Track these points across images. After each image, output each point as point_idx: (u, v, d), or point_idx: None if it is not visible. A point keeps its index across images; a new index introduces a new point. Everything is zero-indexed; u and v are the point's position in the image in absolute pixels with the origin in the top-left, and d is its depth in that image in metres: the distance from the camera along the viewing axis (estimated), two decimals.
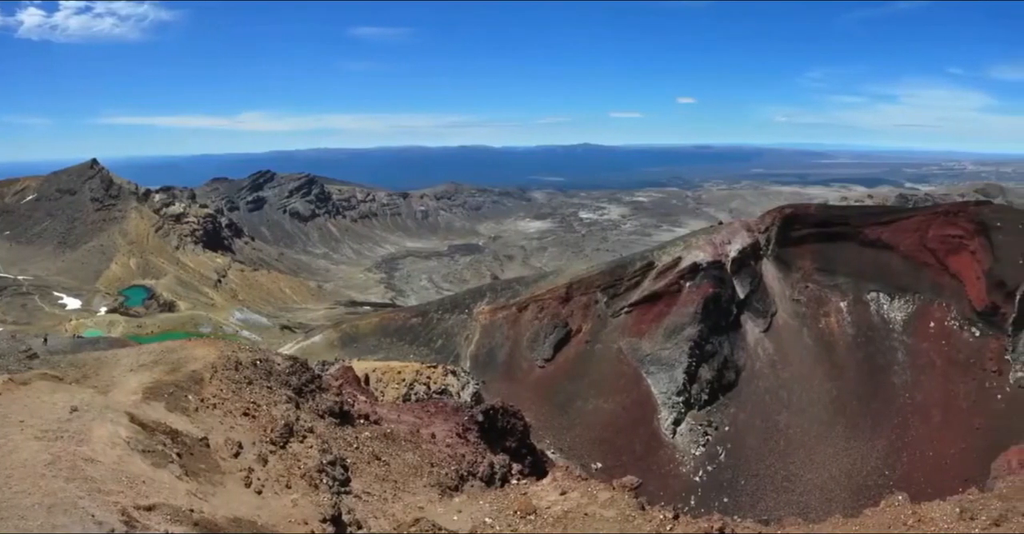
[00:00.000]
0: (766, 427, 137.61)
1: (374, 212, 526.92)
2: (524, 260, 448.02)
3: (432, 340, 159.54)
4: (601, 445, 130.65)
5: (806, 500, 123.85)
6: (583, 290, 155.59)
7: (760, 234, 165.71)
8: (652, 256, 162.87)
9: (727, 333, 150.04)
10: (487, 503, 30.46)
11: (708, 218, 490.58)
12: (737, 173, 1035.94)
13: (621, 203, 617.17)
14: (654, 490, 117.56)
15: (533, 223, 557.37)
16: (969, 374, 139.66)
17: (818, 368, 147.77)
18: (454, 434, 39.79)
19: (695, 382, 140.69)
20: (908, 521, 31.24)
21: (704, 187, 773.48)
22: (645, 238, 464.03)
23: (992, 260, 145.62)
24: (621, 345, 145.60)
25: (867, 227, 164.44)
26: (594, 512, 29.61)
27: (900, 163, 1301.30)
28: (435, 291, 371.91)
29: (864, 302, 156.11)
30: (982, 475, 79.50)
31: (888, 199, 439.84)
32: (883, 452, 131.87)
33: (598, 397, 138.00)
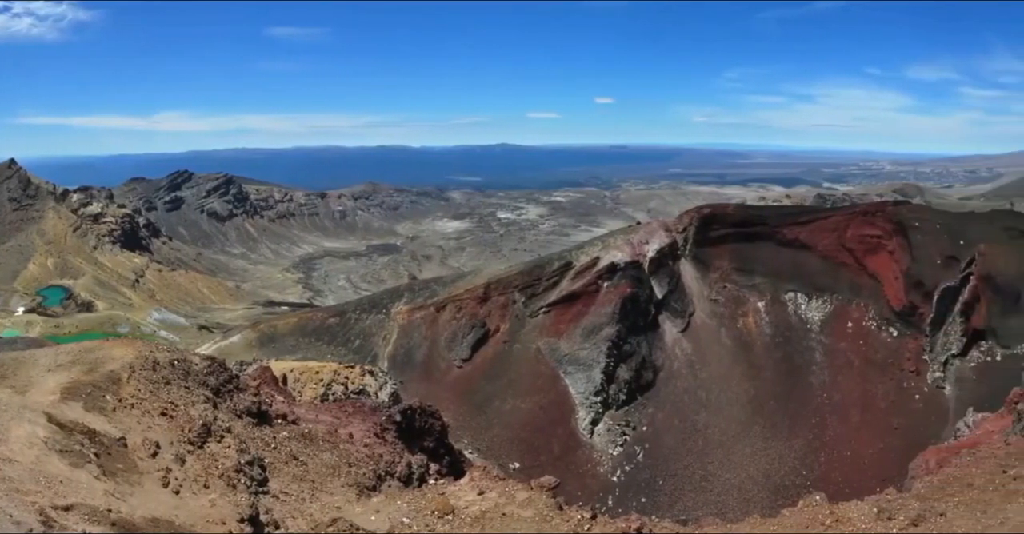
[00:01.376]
0: (684, 427, 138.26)
1: (292, 212, 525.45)
2: (442, 260, 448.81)
3: (350, 340, 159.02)
4: (519, 445, 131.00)
5: (724, 500, 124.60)
6: (501, 290, 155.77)
7: (678, 234, 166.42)
8: (570, 256, 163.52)
9: (645, 333, 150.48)
10: (405, 503, 30.39)
11: (626, 218, 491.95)
12: (655, 173, 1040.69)
13: (539, 203, 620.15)
14: (572, 490, 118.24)
15: (451, 223, 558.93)
16: (887, 374, 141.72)
17: (736, 368, 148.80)
18: (372, 434, 39.69)
19: (613, 382, 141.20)
20: (826, 521, 31.42)
21: (622, 187, 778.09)
22: (563, 238, 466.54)
23: (910, 260, 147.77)
24: (539, 345, 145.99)
25: (785, 227, 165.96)
26: (512, 512, 29.68)
27: (818, 163, 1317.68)
28: (353, 291, 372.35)
29: (782, 302, 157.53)
30: (900, 475, 79.94)
31: (806, 199, 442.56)
32: (801, 452, 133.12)
33: (516, 397, 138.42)
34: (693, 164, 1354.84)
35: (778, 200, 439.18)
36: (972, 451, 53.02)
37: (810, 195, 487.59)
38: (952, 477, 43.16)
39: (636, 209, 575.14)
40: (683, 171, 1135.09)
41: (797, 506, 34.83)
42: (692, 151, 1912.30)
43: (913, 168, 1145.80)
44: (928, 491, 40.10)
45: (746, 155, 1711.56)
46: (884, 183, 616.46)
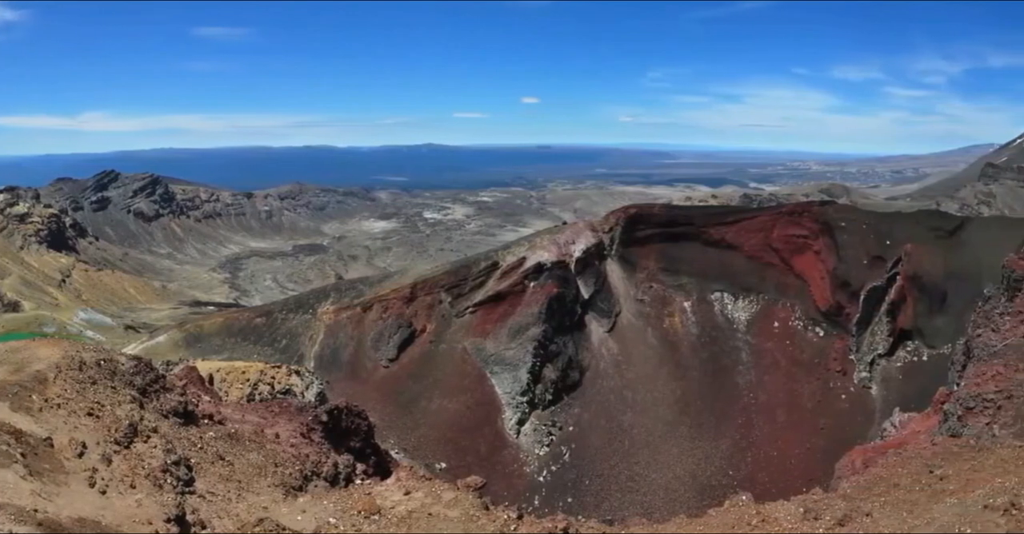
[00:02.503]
0: (610, 427, 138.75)
1: (218, 212, 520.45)
2: (368, 260, 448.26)
3: (276, 340, 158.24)
4: (445, 445, 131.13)
5: (650, 500, 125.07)
6: (427, 290, 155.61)
7: (604, 234, 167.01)
8: (496, 256, 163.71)
9: (571, 333, 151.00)
10: (331, 503, 30.20)
11: (552, 218, 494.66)
12: (581, 173, 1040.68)
13: (465, 203, 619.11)
14: (498, 490, 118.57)
15: (377, 223, 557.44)
16: (813, 374, 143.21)
17: (662, 368, 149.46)
18: (298, 434, 39.45)
19: (539, 382, 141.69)
20: (752, 521, 31.45)
21: (548, 187, 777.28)
22: (489, 238, 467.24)
23: (836, 260, 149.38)
24: (465, 345, 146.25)
25: (711, 227, 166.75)
26: (438, 512, 29.58)
27: (745, 163, 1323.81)
28: (279, 291, 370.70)
29: (708, 302, 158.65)
30: (826, 475, 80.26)
31: (732, 199, 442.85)
32: (727, 452, 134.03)
33: (442, 397, 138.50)
34: (619, 164, 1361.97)
35: (704, 200, 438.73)
36: (898, 451, 53.24)
37: (736, 195, 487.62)
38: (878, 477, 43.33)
39: (562, 209, 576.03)
40: (609, 171, 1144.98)
41: (723, 506, 34.92)
42: (618, 151, 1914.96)
43: (839, 168, 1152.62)
44: (854, 491, 40.23)
45: (672, 155, 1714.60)
46: (810, 183, 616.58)
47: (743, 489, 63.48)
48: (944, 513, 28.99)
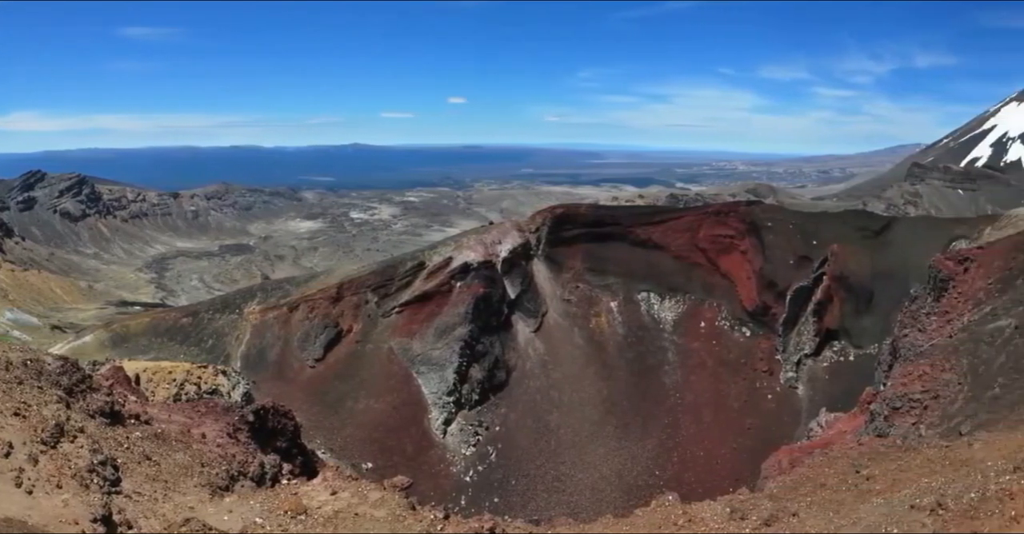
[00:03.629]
0: (537, 427, 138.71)
1: (145, 212, 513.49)
2: (295, 260, 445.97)
3: (203, 340, 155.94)
4: (372, 445, 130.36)
5: (577, 500, 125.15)
6: (354, 290, 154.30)
7: (531, 234, 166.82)
8: (423, 256, 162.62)
9: (498, 333, 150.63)
10: (258, 503, 29.87)
11: (479, 218, 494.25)
12: (508, 173, 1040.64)
13: (392, 203, 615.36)
14: (425, 490, 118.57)
15: (304, 223, 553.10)
16: (740, 374, 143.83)
17: (589, 368, 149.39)
18: (225, 434, 39.04)
19: (466, 382, 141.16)
20: (679, 521, 31.46)
21: (475, 187, 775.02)
22: (416, 238, 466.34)
23: (763, 260, 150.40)
24: (392, 345, 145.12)
25: (638, 227, 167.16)
26: (365, 512, 29.40)
27: (671, 163, 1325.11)
28: (206, 291, 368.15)
29: (635, 302, 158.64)
30: (753, 475, 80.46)
31: (659, 199, 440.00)
32: (654, 452, 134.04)
33: (369, 397, 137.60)
34: (546, 164, 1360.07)
35: (631, 200, 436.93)
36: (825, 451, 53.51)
37: (663, 195, 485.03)
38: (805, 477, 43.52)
39: (489, 209, 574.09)
40: (536, 171, 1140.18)
41: (650, 506, 34.87)
42: (545, 151, 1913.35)
43: (766, 168, 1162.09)
44: (781, 491, 40.39)
45: (599, 155, 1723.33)
46: (737, 183, 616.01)
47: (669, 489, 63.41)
48: (870, 513, 29.12)
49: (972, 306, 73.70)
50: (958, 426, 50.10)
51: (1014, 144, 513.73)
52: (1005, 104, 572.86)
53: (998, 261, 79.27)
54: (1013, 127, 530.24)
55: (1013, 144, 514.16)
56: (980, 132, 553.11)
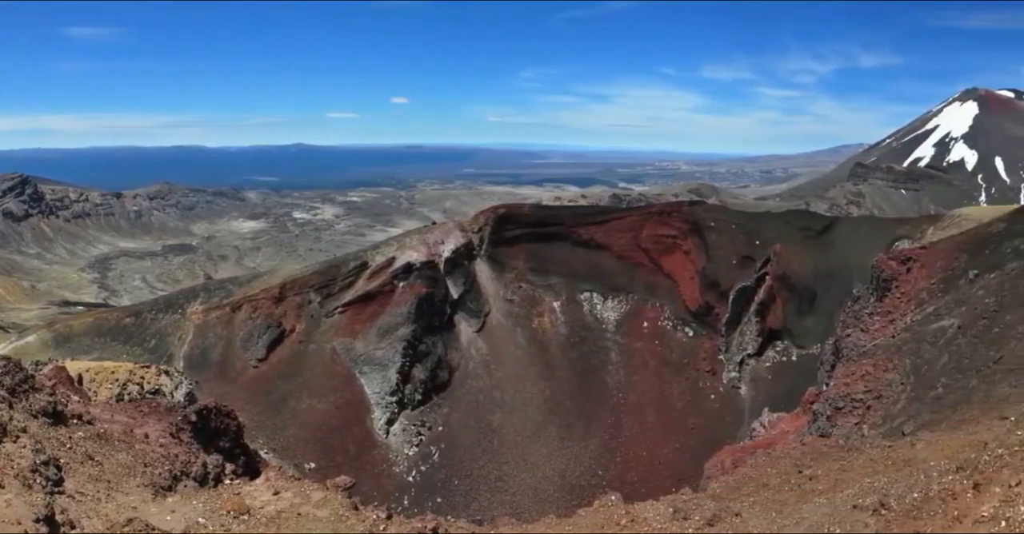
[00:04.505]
0: (480, 427, 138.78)
1: (88, 212, 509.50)
2: (238, 260, 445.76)
3: (146, 340, 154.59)
4: (315, 445, 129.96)
5: (519, 500, 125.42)
6: (297, 290, 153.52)
7: (473, 234, 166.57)
8: (366, 256, 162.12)
9: (441, 333, 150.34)
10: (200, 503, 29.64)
11: (422, 218, 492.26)
12: (451, 173, 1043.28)
13: (335, 203, 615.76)
14: (368, 490, 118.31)
15: (247, 223, 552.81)
16: (682, 374, 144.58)
17: (532, 368, 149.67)
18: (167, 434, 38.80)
19: (408, 382, 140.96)
20: (621, 521, 31.38)
21: (418, 187, 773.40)
22: (359, 238, 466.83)
23: (706, 260, 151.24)
24: (335, 345, 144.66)
25: (580, 227, 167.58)
26: (307, 512, 29.20)
27: (614, 163, 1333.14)
28: (149, 291, 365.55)
29: (577, 302, 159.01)
30: (696, 475, 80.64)
31: (602, 199, 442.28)
32: (596, 452, 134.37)
33: (312, 397, 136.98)
34: (488, 164, 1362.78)
35: (573, 200, 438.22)
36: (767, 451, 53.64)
37: (605, 195, 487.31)
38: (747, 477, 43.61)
39: (432, 209, 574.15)
40: (478, 171, 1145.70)
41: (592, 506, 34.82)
42: (487, 151, 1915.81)
43: (709, 168, 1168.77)
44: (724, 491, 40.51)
45: (541, 155, 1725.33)
46: (680, 183, 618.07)
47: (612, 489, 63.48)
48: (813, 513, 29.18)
49: (915, 306, 74.07)
50: (901, 426, 50.26)
51: (957, 144, 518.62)
52: (948, 104, 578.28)
53: (941, 261, 79.72)
54: (956, 127, 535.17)
55: (956, 144, 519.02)
56: (923, 132, 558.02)
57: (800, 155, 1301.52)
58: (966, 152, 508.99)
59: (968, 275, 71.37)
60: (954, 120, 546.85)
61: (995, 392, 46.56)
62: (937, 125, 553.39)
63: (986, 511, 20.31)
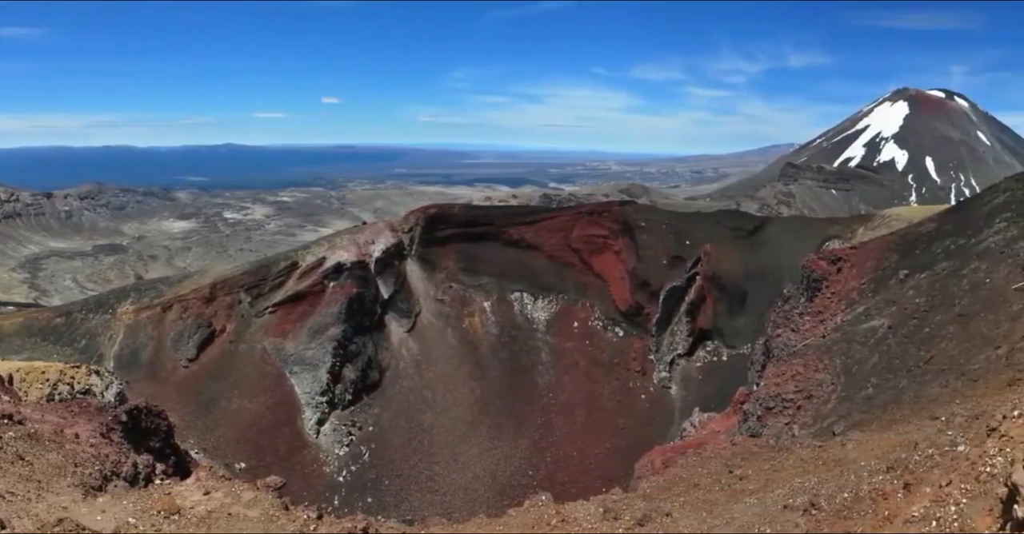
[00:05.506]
0: (410, 427, 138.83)
1: (18, 212, 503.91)
2: (168, 260, 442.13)
3: (76, 340, 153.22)
4: (245, 445, 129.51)
5: (450, 500, 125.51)
6: (227, 290, 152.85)
7: (404, 234, 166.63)
8: (296, 256, 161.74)
9: (371, 333, 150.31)
10: (131, 503, 29.47)
11: (352, 218, 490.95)
12: (382, 173, 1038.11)
13: (265, 203, 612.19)
14: (298, 490, 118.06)
15: (177, 223, 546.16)
16: (613, 374, 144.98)
17: (462, 368, 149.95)
18: (98, 434, 38.54)
19: (339, 382, 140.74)
20: (552, 521, 31.48)
21: (348, 187, 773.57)
22: (289, 238, 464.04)
23: (636, 260, 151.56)
24: (265, 345, 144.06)
25: (511, 227, 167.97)
26: (238, 512, 29.12)
27: (545, 163, 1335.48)
28: (79, 291, 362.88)
29: (508, 302, 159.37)
30: (626, 475, 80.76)
31: (532, 199, 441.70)
32: (527, 452, 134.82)
33: (242, 397, 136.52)
34: (419, 164, 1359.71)
35: (504, 200, 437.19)
36: (698, 451, 53.87)
37: (536, 195, 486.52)
38: (678, 477, 43.82)
39: (362, 209, 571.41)
40: (409, 171, 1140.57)
41: (523, 506, 34.92)
42: (418, 151, 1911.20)
43: (639, 168, 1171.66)
44: (654, 491, 40.66)
45: (472, 155, 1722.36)
46: (610, 183, 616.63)
47: (543, 489, 63.60)
48: (744, 513, 29.33)
49: (845, 306, 74.58)
50: (831, 426, 50.57)
51: (887, 144, 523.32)
52: (878, 104, 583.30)
53: (871, 261, 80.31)
54: (886, 127, 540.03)
55: (886, 144, 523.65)
56: (853, 132, 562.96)
57: (731, 155, 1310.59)
58: (897, 152, 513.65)
59: (898, 275, 71.89)
60: (885, 120, 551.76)
61: (925, 392, 46.92)
62: (868, 125, 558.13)
63: (916, 511, 20.45)
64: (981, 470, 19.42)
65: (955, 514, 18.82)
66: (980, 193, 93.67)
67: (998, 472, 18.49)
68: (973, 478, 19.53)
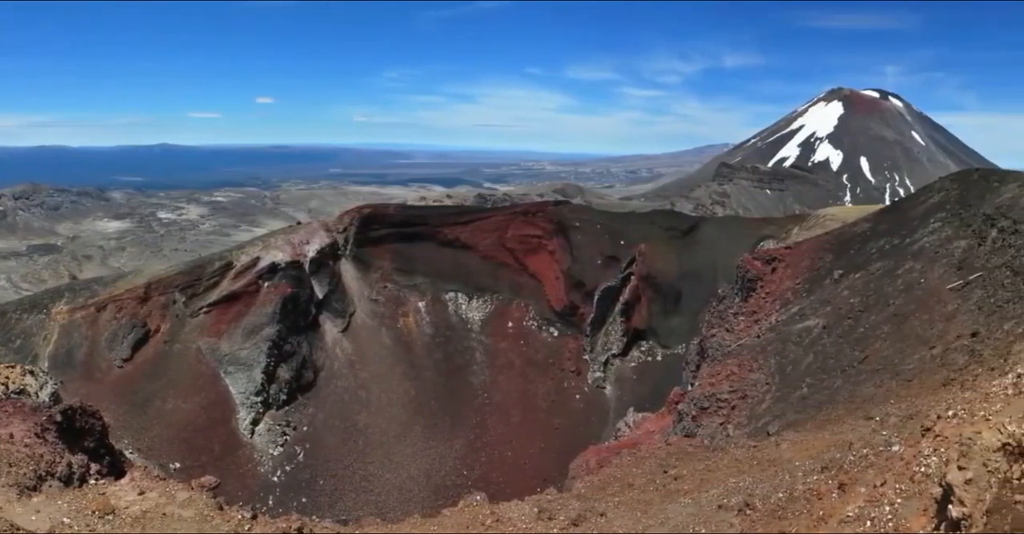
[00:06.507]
0: (345, 427, 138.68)
1: None
2: (103, 260, 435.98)
3: (10, 340, 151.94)
4: (180, 445, 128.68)
5: (385, 500, 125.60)
6: (161, 290, 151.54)
7: (339, 234, 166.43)
8: (231, 256, 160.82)
9: (306, 333, 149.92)
10: (65, 503, 29.50)
11: (287, 218, 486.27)
12: (316, 173, 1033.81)
13: (200, 203, 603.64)
14: (233, 490, 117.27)
15: (112, 223, 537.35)
16: (547, 374, 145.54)
17: (397, 368, 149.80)
18: (32, 434, 38.38)
19: (274, 382, 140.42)
20: (486, 521, 31.67)
21: (283, 187, 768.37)
22: (224, 238, 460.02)
23: (571, 260, 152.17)
24: (200, 345, 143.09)
25: (446, 227, 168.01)
26: (172, 512, 29.35)
27: (479, 163, 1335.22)
28: (14, 291, 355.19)
29: (443, 302, 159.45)
30: (561, 475, 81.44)
31: (467, 199, 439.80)
32: (462, 452, 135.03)
33: (177, 397, 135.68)
34: (354, 164, 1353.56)
35: (439, 200, 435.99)
36: (633, 451, 54.07)
37: (471, 195, 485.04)
38: (613, 477, 44.07)
39: (297, 209, 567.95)
40: (344, 171, 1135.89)
41: (458, 506, 35.21)
42: (353, 151, 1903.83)
43: (574, 168, 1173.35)
44: (588, 491, 40.96)
45: (407, 155, 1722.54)
46: (545, 183, 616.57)
47: (477, 489, 63.49)
48: (678, 513, 29.54)
49: (780, 306, 75.07)
50: (766, 426, 50.84)
51: (822, 144, 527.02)
52: (813, 104, 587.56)
53: (805, 261, 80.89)
54: (821, 128, 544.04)
55: (821, 144, 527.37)
56: (788, 132, 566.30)
57: (665, 155, 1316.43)
58: (831, 152, 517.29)
59: (833, 275, 72.44)
60: (819, 120, 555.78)
61: (860, 392, 47.24)
62: (802, 125, 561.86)
63: (851, 511, 20.62)
64: (915, 470, 19.60)
65: (889, 514, 18.99)
66: (915, 193, 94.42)
67: (932, 472, 18.67)
68: (907, 478, 19.72)
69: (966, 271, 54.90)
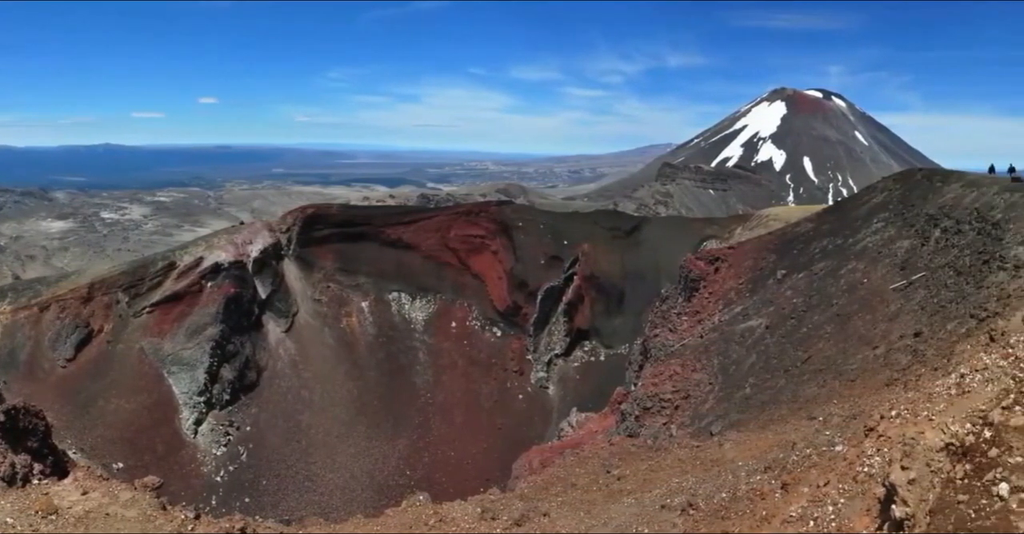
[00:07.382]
0: (288, 427, 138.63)
1: None
2: (46, 260, 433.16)
3: None
4: (123, 445, 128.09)
5: (328, 500, 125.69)
6: (105, 290, 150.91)
7: (282, 234, 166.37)
8: (174, 256, 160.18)
9: (249, 333, 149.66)
10: (8, 503, 29.48)
11: (230, 218, 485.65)
12: (259, 173, 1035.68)
13: (143, 203, 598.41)
14: (176, 490, 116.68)
15: (55, 223, 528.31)
16: (491, 374, 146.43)
17: (339, 368, 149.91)
18: None
19: (217, 382, 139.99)
20: (430, 521, 31.88)
21: (226, 187, 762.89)
22: (167, 238, 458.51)
23: (514, 260, 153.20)
24: (143, 345, 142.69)
25: (389, 227, 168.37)
26: (116, 512, 29.43)
27: (422, 163, 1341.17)
28: None
29: (386, 302, 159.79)
30: (504, 475, 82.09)
31: (410, 199, 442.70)
32: (404, 452, 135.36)
33: (120, 397, 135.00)
34: (296, 164, 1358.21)
35: (382, 200, 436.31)
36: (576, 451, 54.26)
37: (414, 195, 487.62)
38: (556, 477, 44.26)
39: (240, 209, 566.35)
40: (287, 171, 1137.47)
41: (401, 506, 35.52)
42: (295, 151, 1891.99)
43: (517, 168, 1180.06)
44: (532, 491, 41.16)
45: (349, 155, 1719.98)
46: (488, 183, 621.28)
47: (420, 489, 63.70)
48: (621, 513, 29.67)
49: (723, 306, 75.36)
50: (709, 426, 51.00)
51: (765, 144, 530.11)
52: (756, 104, 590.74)
53: (749, 261, 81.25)
54: (764, 128, 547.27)
55: (764, 144, 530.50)
56: (731, 132, 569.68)
57: (608, 155, 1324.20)
58: (774, 152, 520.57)
59: (776, 275, 72.77)
60: (762, 120, 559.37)
61: (803, 392, 47.44)
62: (745, 125, 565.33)
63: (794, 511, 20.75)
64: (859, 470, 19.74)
65: (833, 514, 19.12)
66: (858, 193, 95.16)
67: (876, 472, 18.80)
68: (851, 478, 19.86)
69: (909, 271, 55.17)
